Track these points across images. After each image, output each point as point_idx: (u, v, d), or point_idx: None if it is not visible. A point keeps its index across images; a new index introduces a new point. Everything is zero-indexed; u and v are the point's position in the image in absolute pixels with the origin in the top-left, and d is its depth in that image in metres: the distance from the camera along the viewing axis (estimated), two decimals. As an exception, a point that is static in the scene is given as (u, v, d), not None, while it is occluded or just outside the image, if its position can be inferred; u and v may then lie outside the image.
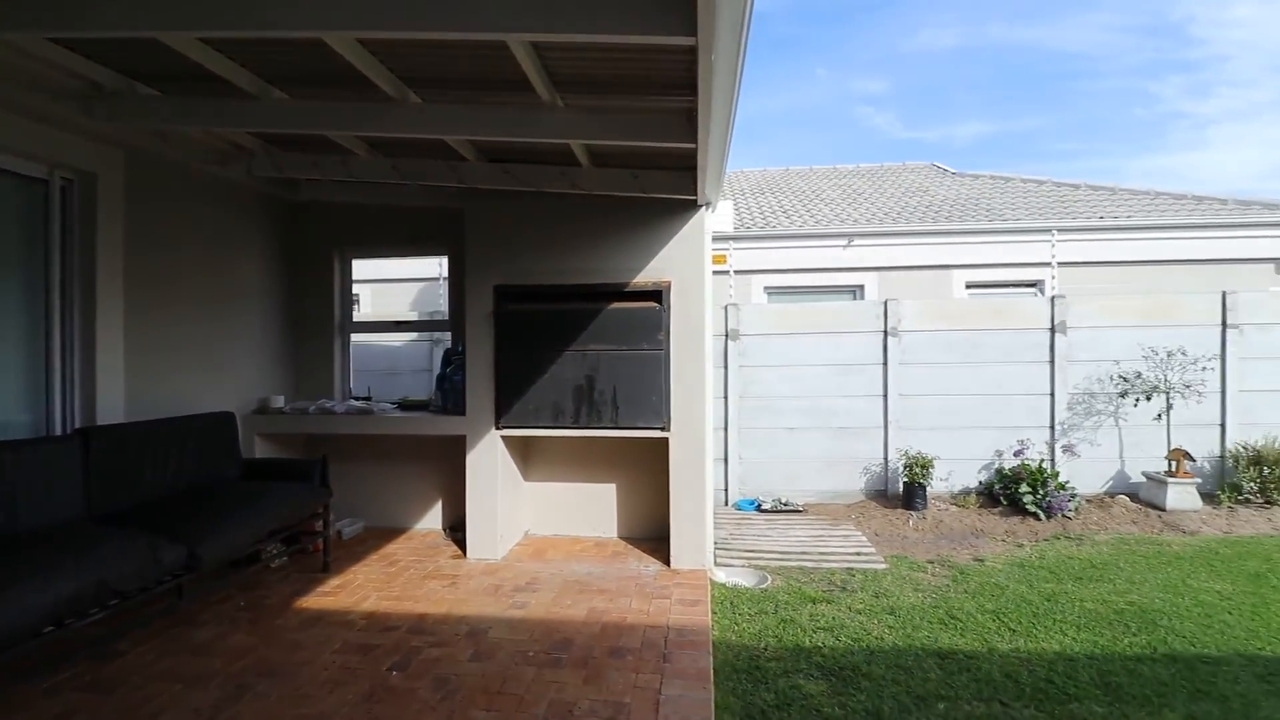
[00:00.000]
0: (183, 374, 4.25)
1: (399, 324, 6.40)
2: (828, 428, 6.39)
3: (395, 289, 10.50)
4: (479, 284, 4.48)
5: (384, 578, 4.11)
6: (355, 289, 5.89)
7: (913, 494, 5.86)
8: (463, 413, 4.52)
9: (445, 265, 6.44)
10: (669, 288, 4.30)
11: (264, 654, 3.06)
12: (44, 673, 2.80)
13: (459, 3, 2.21)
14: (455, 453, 4.69)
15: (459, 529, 4.83)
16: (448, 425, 4.58)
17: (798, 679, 2.96)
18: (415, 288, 10.57)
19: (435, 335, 8.09)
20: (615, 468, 4.99)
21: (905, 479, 5.96)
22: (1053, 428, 6.22)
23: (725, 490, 6.40)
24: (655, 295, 4.30)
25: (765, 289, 9.56)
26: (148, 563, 2.83)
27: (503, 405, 4.42)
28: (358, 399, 5.30)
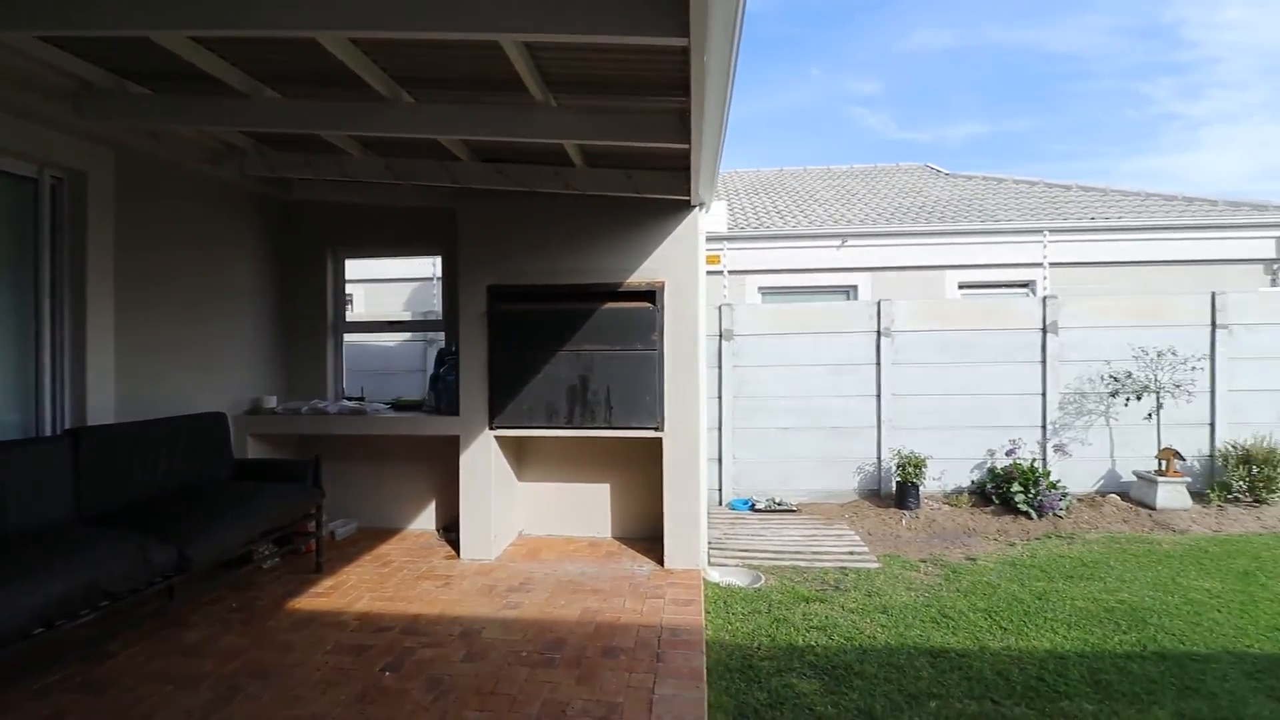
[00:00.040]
0: (174, 374, 4.23)
1: (392, 324, 6.40)
2: (821, 427, 6.41)
3: (389, 289, 10.47)
4: (472, 284, 4.48)
5: (377, 578, 4.10)
6: (348, 289, 5.87)
7: (906, 493, 5.88)
8: (456, 413, 4.51)
9: (439, 265, 6.42)
10: (663, 288, 4.31)
11: (256, 655, 3.05)
12: (34, 674, 2.78)
13: (452, 3, 2.20)
14: (449, 453, 4.68)
15: (453, 529, 4.82)
16: (441, 425, 4.57)
17: (791, 678, 2.98)
18: (409, 287, 10.54)
19: (429, 335, 8.07)
20: (609, 468, 4.99)
21: (898, 478, 5.98)
22: (1044, 427, 6.25)
23: (719, 490, 6.41)
24: (649, 295, 4.31)
25: (759, 289, 9.58)
26: (137, 564, 2.82)
27: (496, 405, 4.42)
28: (351, 399, 5.29)
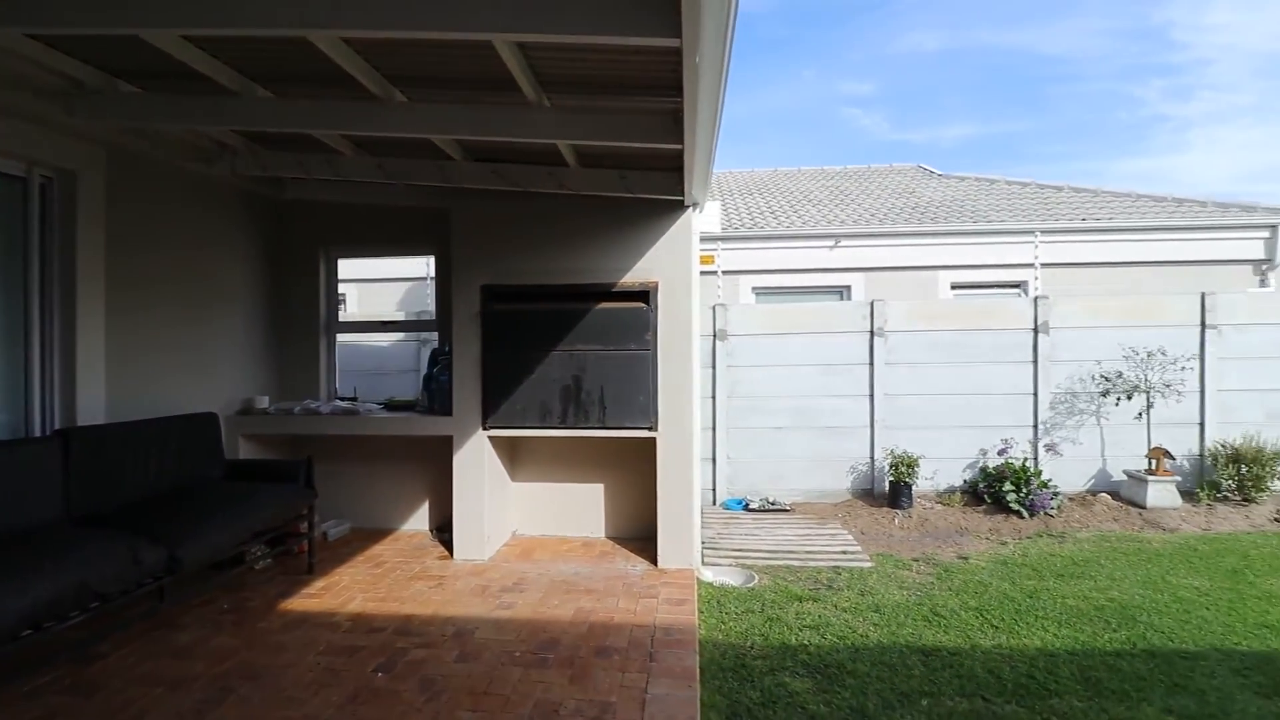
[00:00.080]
0: (165, 374, 4.21)
1: (385, 324, 6.37)
2: (815, 427, 6.43)
3: (382, 288, 10.43)
4: (466, 284, 4.47)
5: (370, 579, 4.09)
6: (341, 288, 5.85)
7: (898, 493, 5.91)
8: (449, 413, 4.51)
9: (432, 265, 6.41)
10: (656, 288, 4.31)
11: (247, 656, 3.04)
12: (23, 676, 2.76)
13: (445, 2, 2.20)
14: (442, 453, 4.67)
15: (446, 530, 4.81)
16: (434, 426, 4.56)
17: (783, 677, 2.99)
18: (402, 287, 10.51)
19: (422, 335, 8.05)
20: (603, 468, 4.99)
21: (891, 478, 6.01)
22: (1036, 427, 6.29)
23: (713, 490, 6.42)
24: (643, 295, 4.31)
25: (753, 289, 9.59)
26: (128, 565, 2.80)
27: (490, 405, 4.42)
28: (343, 399, 5.27)
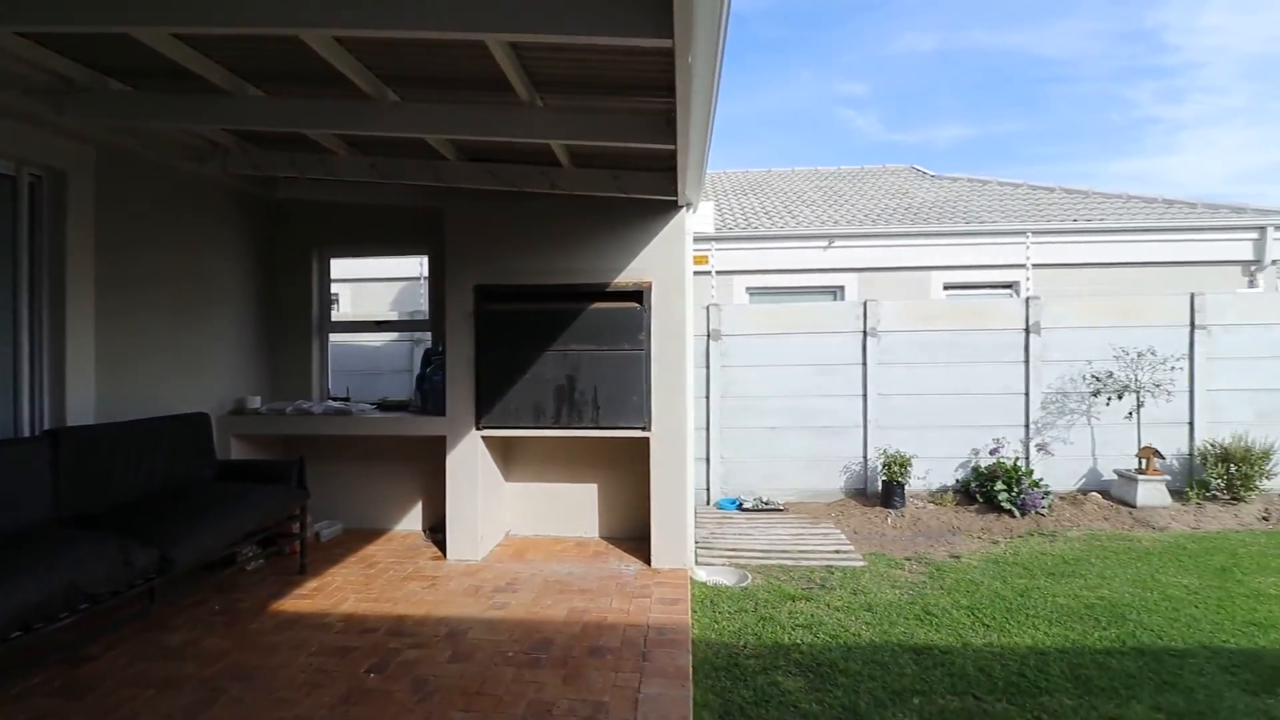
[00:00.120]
0: (156, 374, 4.18)
1: (378, 324, 6.35)
2: (808, 427, 6.45)
3: (375, 288, 10.40)
4: (459, 284, 4.46)
5: (362, 579, 4.08)
6: (334, 288, 5.83)
7: (891, 492, 5.93)
8: (443, 413, 4.50)
9: (426, 265, 6.39)
10: (650, 288, 4.32)
11: (238, 658, 3.03)
12: (12, 678, 2.74)
13: (437, 2, 2.20)
14: (435, 454, 4.67)
15: (439, 530, 4.80)
16: (427, 426, 4.56)
17: (776, 676, 2.99)
18: (395, 287, 10.47)
19: (416, 335, 8.03)
20: (596, 468, 4.99)
21: (884, 477, 6.03)
22: (1027, 426, 6.33)
23: (707, 489, 6.43)
24: (636, 295, 4.31)
25: (747, 289, 9.61)
26: (118, 566, 2.79)
27: (483, 405, 4.41)
28: (336, 399, 5.25)
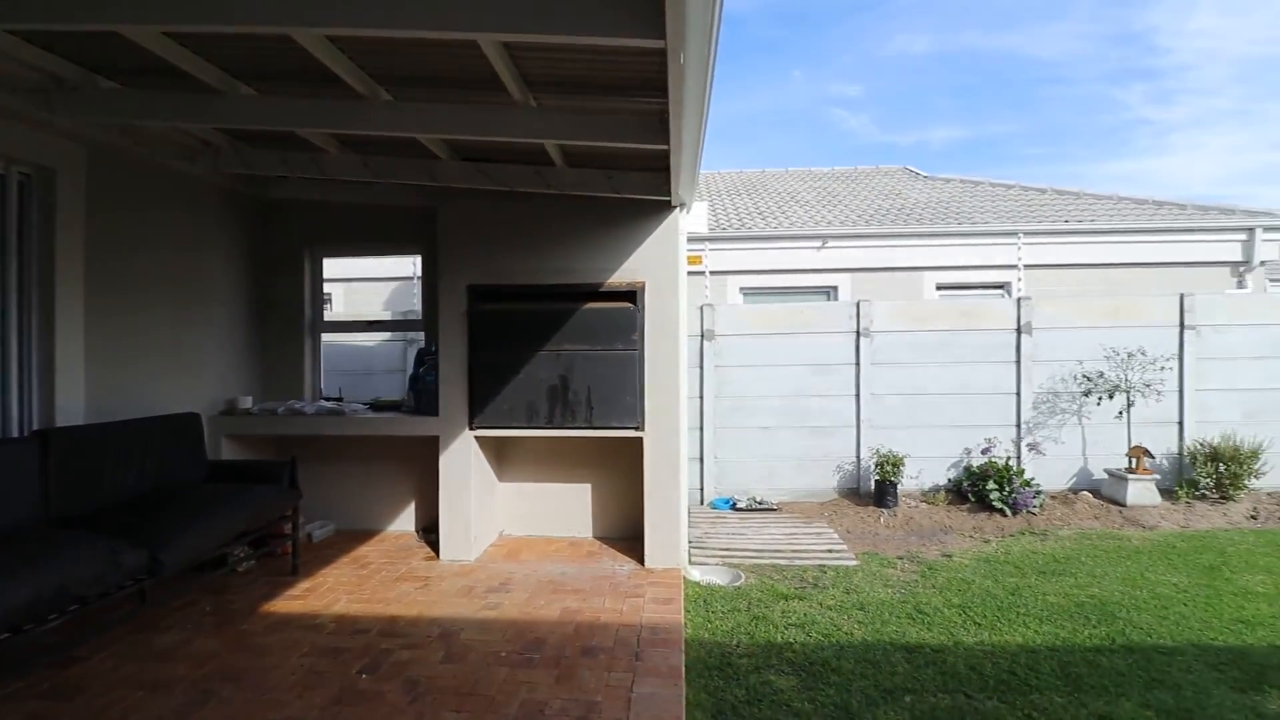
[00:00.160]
0: (146, 374, 4.15)
1: (371, 324, 6.34)
2: (802, 427, 6.47)
3: (368, 288, 10.36)
4: (452, 283, 4.45)
5: (355, 580, 4.07)
6: (326, 288, 5.81)
7: (884, 492, 5.95)
8: (436, 413, 4.49)
9: (419, 264, 6.38)
10: (643, 288, 4.32)
11: (229, 659, 3.02)
12: (2, 680, 2.72)
13: (430, 2, 2.19)
14: (428, 454, 4.66)
15: (432, 531, 4.79)
16: (420, 426, 4.54)
17: (769, 675, 3.00)
18: (388, 287, 10.44)
19: (409, 335, 8.00)
20: (590, 468, 4.99)
21: (877, 477, 6.05)
22: (1019, 426, 6.36)
23: (700, 489, 6.44)
24: (630, 295, 4.32)
25: (741, 289, 9.63)
26: (108, 567, 2.77)
27: (476, 405, 4.40)
28: (328, 399, 5.23)
